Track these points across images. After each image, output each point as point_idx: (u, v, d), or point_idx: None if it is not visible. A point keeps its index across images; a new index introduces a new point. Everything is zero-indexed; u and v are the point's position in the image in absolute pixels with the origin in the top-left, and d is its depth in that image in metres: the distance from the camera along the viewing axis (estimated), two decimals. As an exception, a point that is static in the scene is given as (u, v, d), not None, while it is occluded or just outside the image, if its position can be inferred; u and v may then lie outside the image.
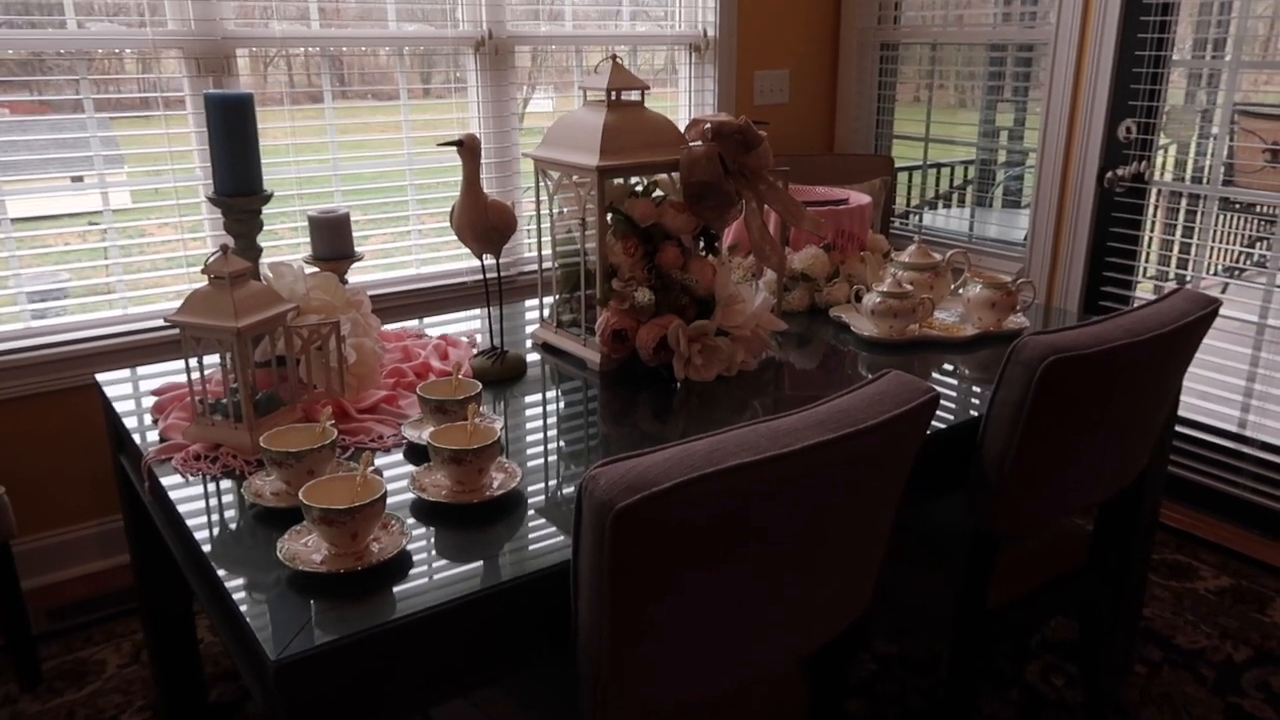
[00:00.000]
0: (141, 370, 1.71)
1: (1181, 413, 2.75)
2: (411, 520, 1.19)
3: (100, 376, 1.67)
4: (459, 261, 2.95)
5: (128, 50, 2.41)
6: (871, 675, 2.11)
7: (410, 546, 1.13)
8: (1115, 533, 1.79)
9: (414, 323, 1.98)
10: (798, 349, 1.89)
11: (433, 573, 1.08)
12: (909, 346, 1.85)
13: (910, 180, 3.77)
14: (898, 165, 3.57)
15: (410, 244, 2.90)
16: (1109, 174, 2.78)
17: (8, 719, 2.01)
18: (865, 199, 2.18)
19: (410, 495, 1.24)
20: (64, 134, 2.38)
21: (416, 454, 1.37)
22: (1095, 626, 1.84)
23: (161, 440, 1.40)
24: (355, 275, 2.79)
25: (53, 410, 2.40)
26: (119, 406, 1.56)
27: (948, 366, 1.77)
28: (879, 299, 1.85)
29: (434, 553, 1.12)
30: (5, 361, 2.32)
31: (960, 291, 1.97)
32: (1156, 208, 2.85)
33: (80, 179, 2.45)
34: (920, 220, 3.68)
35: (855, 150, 3.65)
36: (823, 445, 1.01)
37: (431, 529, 1.18)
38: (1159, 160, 2.82)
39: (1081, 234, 2.90)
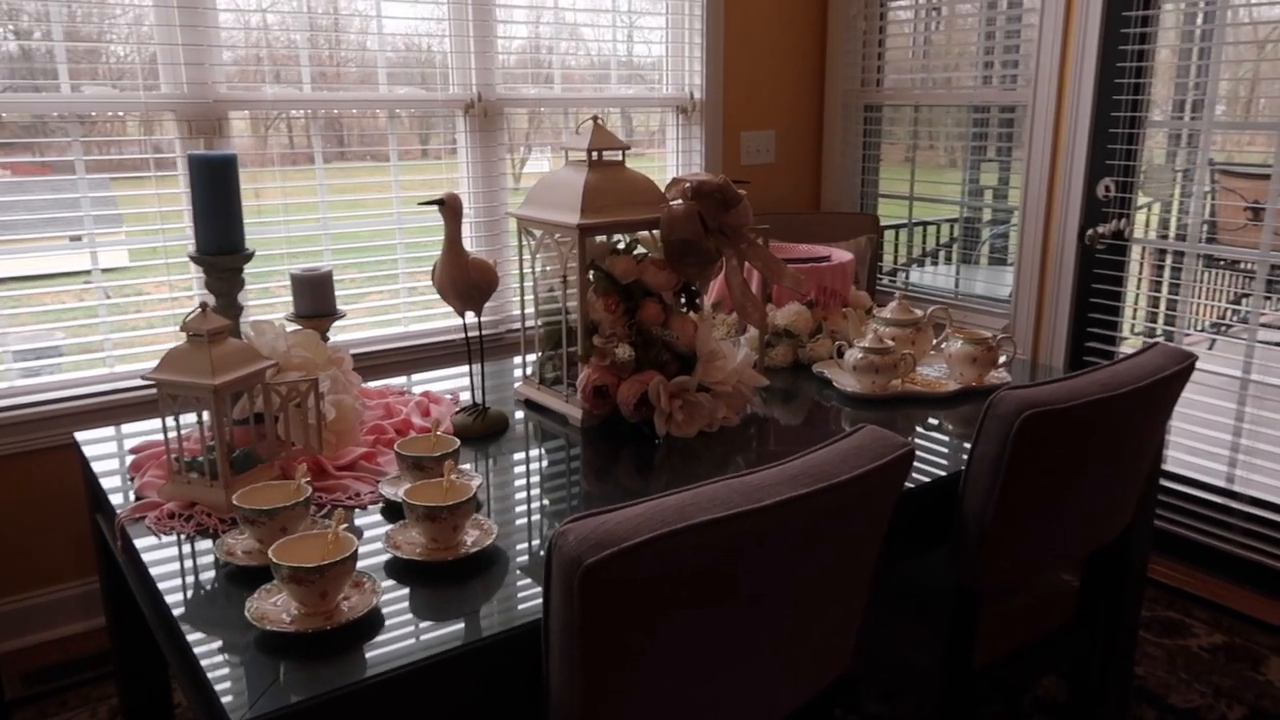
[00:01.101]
0: (123, 429, 1.70)
1: (1169, 468, 2.75)
2: (387, 579, 1.18)
3: (79, 435, 1.66)
4: (448, 319, 2.96)
5: (120, 113, 2.44)
6: (861, 737, 2.07)
7: (384, 605, 1.12)
8: (1103, 589, 1.78)
9: (401, 380, 1.98)
10: (781, 404, 1.89)
11: (405, 632, 1.07)
12: (891, 402, 1.86)
13: (897, 238, 3.81)
14: (883, 223, 3.62)
15: (399, 302, 2.91)
16: (1090, 231, 2.82)
17: (-23, 787, 1.97)
18: (847, 256, 2.20)
19: (386, 554, 1.23)
20: (63, 194, 2.40)
21: (394, 511, 1.36)
22: (1085, 685, 1.82)
23: (137, 499, 1.39)
24: (346, 334, 2.81)
25: (33, 469, 2.38)
26: (97, 466, 1.55)
27: (930, 421, 1.77)
28: (861, 354, 1.86)
29: (408, 612, 1.11)
30: (-17, 421, 2.31)
31: (942, 347, 1.98)
32: (1144, 264, 2.88)
33: (79, 238, 2.47)
34: (907, 277, 3.71)
35: (841, 209, 3.70)
36: (796, 500, 1.01)
37: (406, 588, 1.17)
38: (1140, 218, 2.86)
39: (1065, 290, 2.93)
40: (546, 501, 1.44)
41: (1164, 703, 2.19)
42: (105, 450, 1.62)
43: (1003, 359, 1.94)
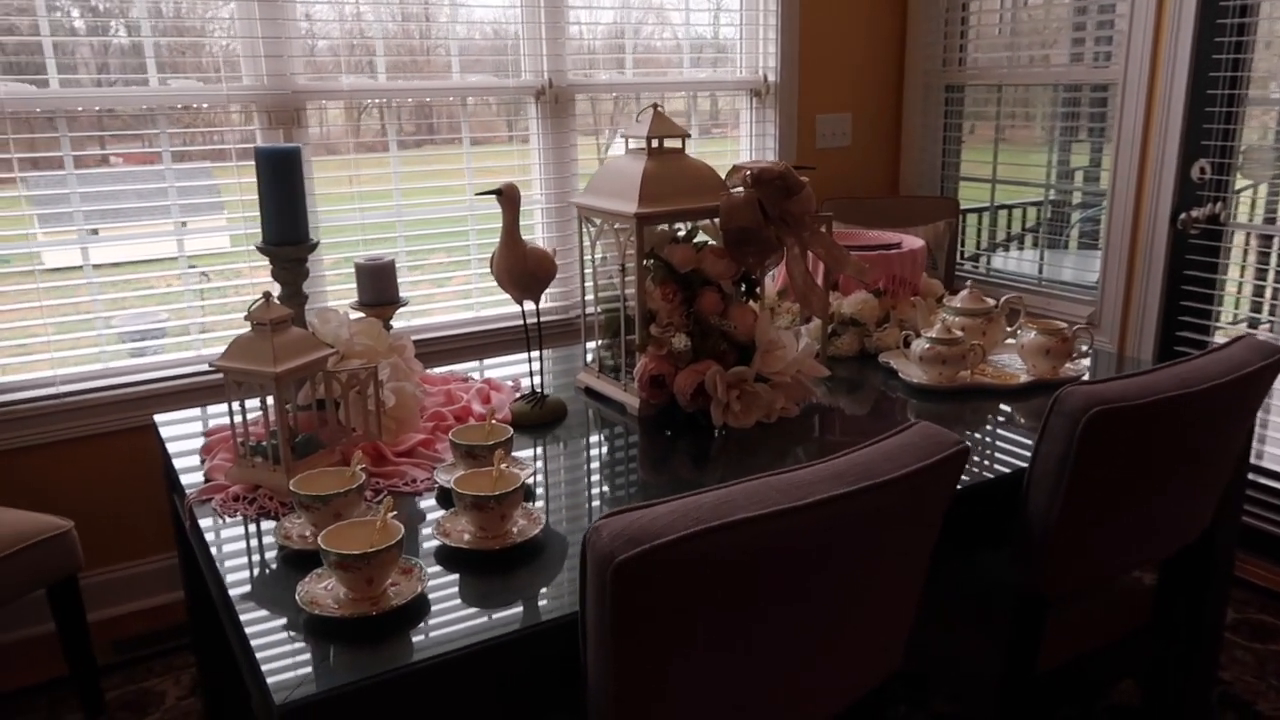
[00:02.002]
0: (198, 411, 1.77)
1: (1266, 464, 2.61)
2: (435, 566, 1.20)
3: (158, 417, 1.73)
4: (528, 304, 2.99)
5: (204, 105, 2.52)
6: (926, 735, 2.03)
7: (432, 592, 1.14)
8: (1182, 590, 1.70)
9: (471, 364, 2.01)
10: (846, 395, 1.86)
11: (451, 619, 1.08)
12: (959, 394, 1.80)
13: (980, 222, 3.70)
14: (964, 207, 3.51)
15: (472, 287, 2.95)
16: (1183, 216, 2.68)
17: (72, 747, 2.08)
18: (919, 243, 2.14)
19: (437, 540, 1.25)
20: (166, 184, 2.51)
21: (449, 497, 1.38)
22: (1162, 691, 1.74)
23: (206, 480, 1.45)
24: (421, 319, 2.86)
25: (126, 446, 2.50)
26: (173, 447, 1.62)
27: (999, 415, 1.72)
28: (927, 345, 1.81)
29: (455, 599, 1.13)
30: (78, 401, 2.42)
31: (1015, 338, 1.92)
32: (1247, 250, 2.73)
33: (184, 224, 2.58)
34: (989, 262, 3.59)
35: (920, 193, 3.60)
36: (838, 499, 0.98)
37: (455, 575, 1.18)
38: (1238, 202, 2.71)
39: (1155, 278, 2.80)
40: (605, 490, 1.44)
41: (1252, 709, 2.09)
42: (183, 431, 1.68)
43: (1085, 348, 1.86)
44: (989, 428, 1.67)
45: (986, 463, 1.51)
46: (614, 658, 0.94)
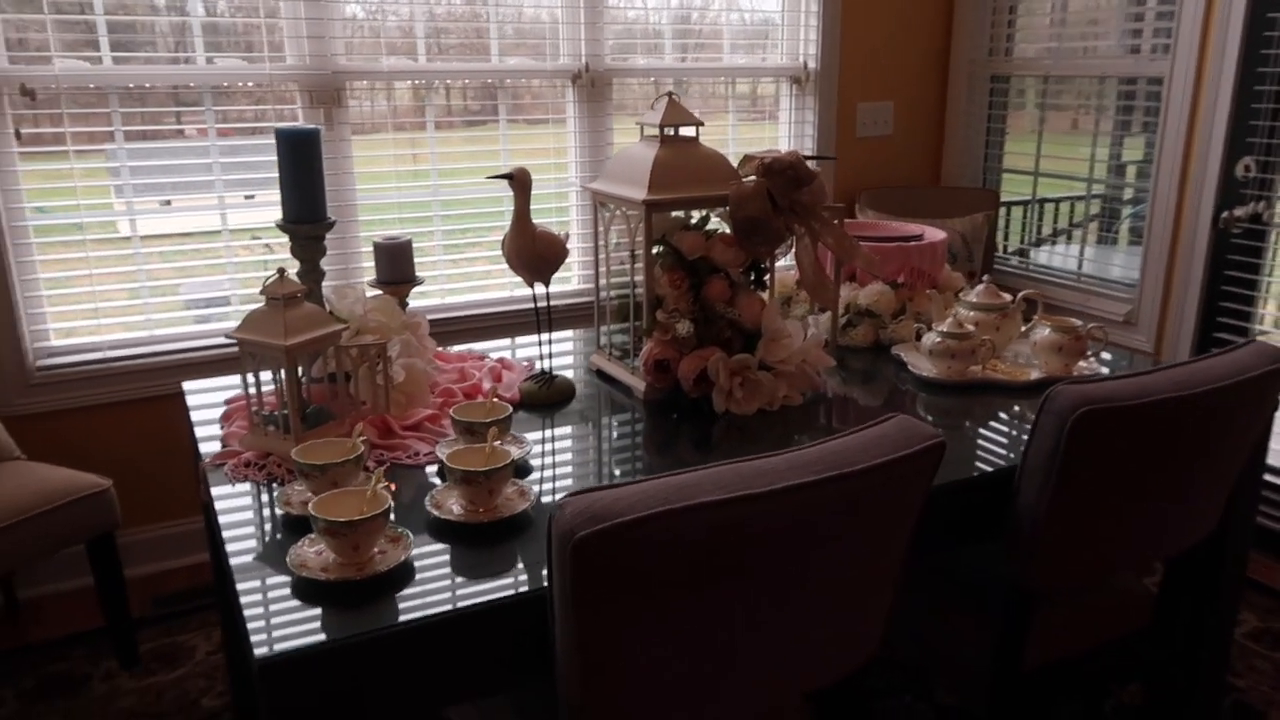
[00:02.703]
0: (225, 381, 1.85)
1: (1297, 472, 2.55)
2: (427, 536, 1.25)
3: (186, 385, 1.81)
4: (552, 285, 3.03)
5: (249, 83, 2.60)
6: (928, 727, 2.04)
7: (420, 561, 1.19)
8: (1187, 593, 1.68)
9: (495, 344, 2.05)
10: (859, 385, 1.87)
11: (435, 586, 1.13)
12: (968, 388, 1.80)
13: (1025, 215, 3.64)
14: (1006, 200, 3.47)
15: (504, 267, 3.00)
16: (1224, 214, 2.62)
17: (107, 693, 2.19)
18: (940, 235, 2.13)
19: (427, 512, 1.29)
20: (239, 158, 2.61)
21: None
22: (1165, 694, 1.73)
23: (223, 446, 1.52)
24: (452, 296, 2.93)
25: (166, 412, 2.60)
26: (198, 414, 1.69)
27: (1005, 411, 1.71)
28: (938, 339, 1.80)
29: (443, 568, 1.17)
30: (125, 366, 2.53)
31: (1031, 334, 1.90)
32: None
33: (251, 196, 2.69)
34: (1029, 257, 3.54)
35: (962, 184, 3.56)
36: (802, 487, 1.01)
37: (446, 546, 1.23)
38: (1285, 200, 2.64)
39: (1194, 276, 2.74)
40: (606, 470, 1.48)
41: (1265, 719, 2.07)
42: (209, 400, 1.76)
43: (1092, 349, 1.84)
44: (994, 423, 1.67)
45: (989, 456, 1.51)
46: (576, 630, 0.98)
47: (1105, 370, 1.87)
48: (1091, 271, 3.24)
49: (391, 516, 1.18)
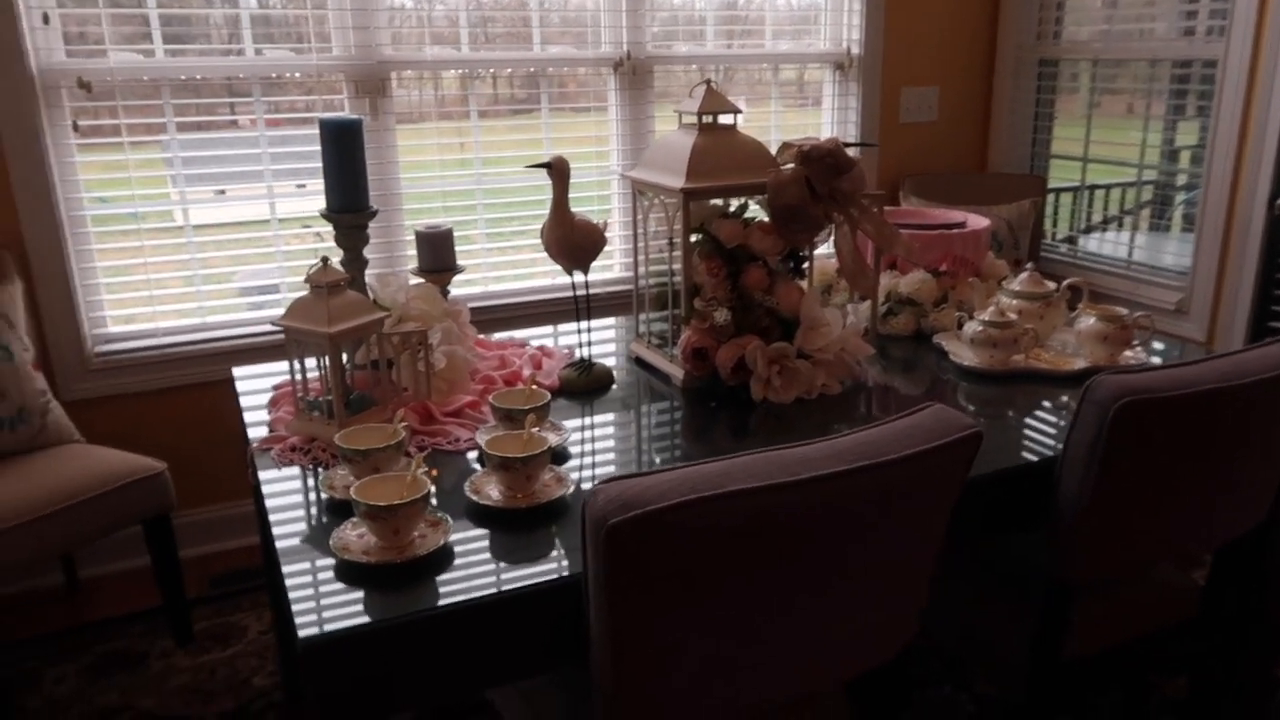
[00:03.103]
0: (273, 367, 1.89)
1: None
2: (466, 521, 1.27)
3: (236, 371, 1.86)
4: (594, 274, 3.05)
5: (296, 74, 2.65)
6: (970, 717, 2.03)
7: (459, 545, 1.21)
8: (1234, 586, 1.65)
9: (537, 331, 2.08)
10: (899, 374, 1.86)
11: (473, 571, 1.15)
12: (1010, 378, 1.78)
13: (1075, 201, 3.58)
14: (1054, 186, 3.41)
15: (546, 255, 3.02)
16: (1279, 201, 2.56)
17: (163, 670, 2.26)
18: (983, 223, 2.10)
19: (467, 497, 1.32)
20: (292, 148, 2.67)
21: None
22: (1210, 687, 1.71)
23: (270, 431, 1.56)
24: (496, 284, 2.96)
25: (217, 397, 2.67)
26: (246, 400, 1.74)
27: (1047, 401, 1.70)
28: (979, 327, 1.79)
29: (482, 553, 1.20)
30: (179, 353, 2.60)
31: (1076, 323, 1.88)
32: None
33: (303, 185, 2.74)
34: (1078, 245, 3.48)
35: (1008, 170, 3.51)
36: (833, 477, 1.01)
37: (485, 531, 1.26)
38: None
39: (1249, 265, 2.67)
40: (644, 457, 1.49)
41: (1316, 718, 2.02)
42: (257, 386, 1.80)
43: (1139, 339, 1.81)
44: (1037, 413, 1.65)
45: (1032, 445, 1.50)
46: (609, 615, 1.00)
47: (1152, 360, 1.84)
48: (1142, 259, 3.18)
49: (432, 501, 1.20)
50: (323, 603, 1.09)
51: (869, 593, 1.15)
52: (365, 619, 1.05)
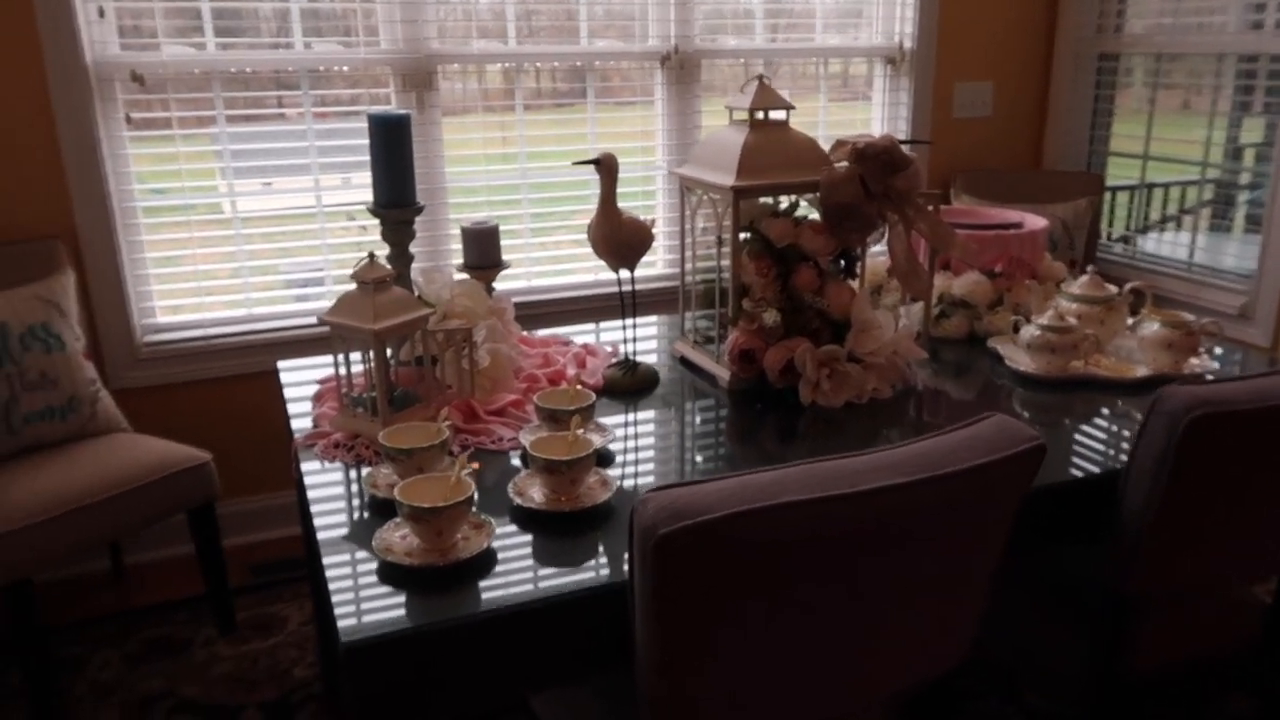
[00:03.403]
0: (318, 360, 1.89)
1: None
2: (510, 524, 1.25)
3: (281, 364, 1.86)
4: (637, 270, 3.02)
5: (344, 67, 2.65)
6: (1017, 730, 1.98)
7: (502, 550, 1.19)
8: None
9: (579, 328, 2.05)
10: (951, 378, 1.81)
11: (517, 576, 1.13)
12: (1068, 385, 1.73)
13: (1132, 200, 3.47)
14: (1112, 184, 3.31)
15: (589, 250, 2.99)
16: (1355, 201, 2.45)
17: (206, 659, 2.28)
18: (1041, 223, 2.04)
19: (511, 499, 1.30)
20: (331, 141, 2.67)
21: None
22: (1275, 710, 1.64)
23: (314, 426, 1.55)
24: (539, 279, 2.94)
25: (261, 388, 2.68)
26: (291, 393, 1.73)
27: (1108, 410, 1.64)
28: (1037, 332, 1.73)
29: (525, 557, 1.18)
30: (225, 343, 2.62)
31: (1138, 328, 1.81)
32: None
33: (348, 178, 2.75)
34: (1134, 244, 3.38)
35: (1064, 167, 3.42)
36: (889, 489, 0.97)
37: (528, 534, 1.23)
38: None
39: (1318, 268, 2.57)
40: (689, 458, 1.46)
41: (1384, 743, 1.94)
42: (302, 379, 1.80)
43: (1205, 346, 1.75)
44: (1098, 421, 1.59)
45: (1092, 456, 1.45)
46: (656, 626, 0.97)
47: (1216, 366, 1.77)
48: (1203, 261, 3.08)
49: (475, 503, 1.18)
50: (364, 605, 1.07)
51: (924, 608, 1.11)
52: (407, 623, 1.03)
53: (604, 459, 1.44)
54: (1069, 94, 3.34)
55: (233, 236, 2.61)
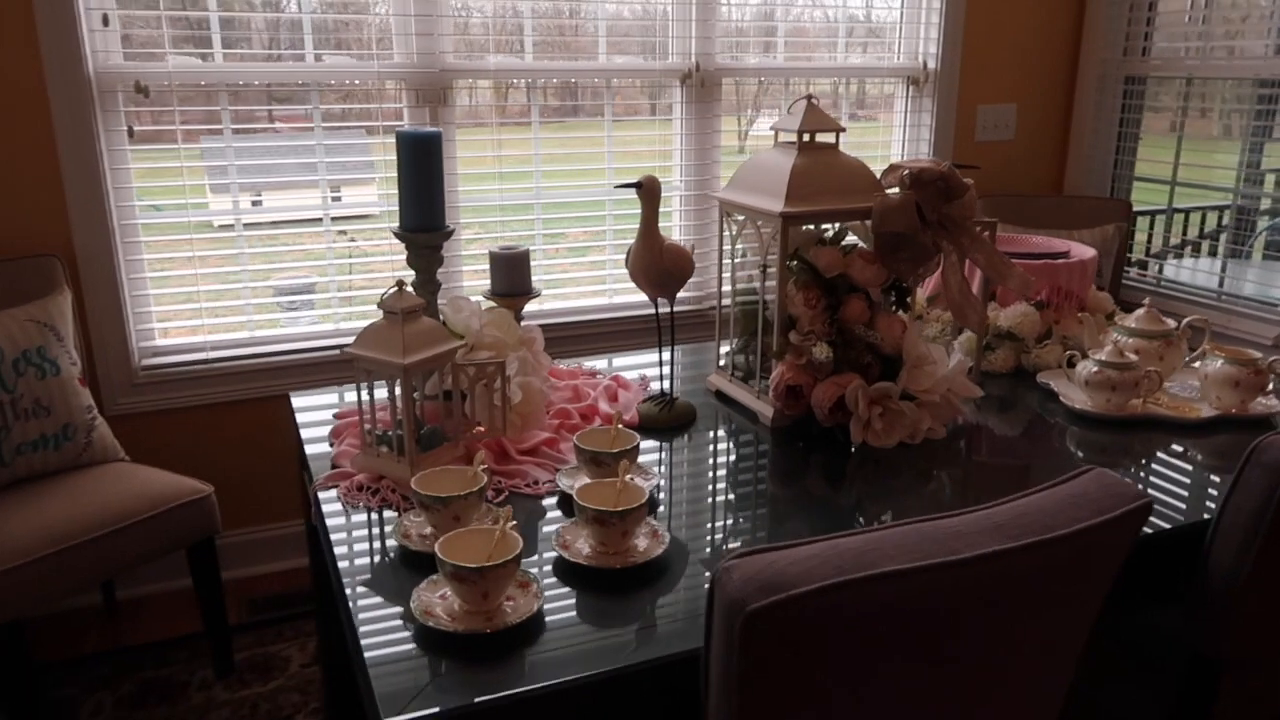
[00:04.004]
0: (333, 391, 1.78)
1: None
2: (551, 579, 1.15)
3: (294, 397, 1.75)
4: (651, 293, 2.93)
5: (355, 81, 2.55)
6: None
7: (547, 607, 1.09)
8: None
9: (599, 360, 1.96)
10: (997, 414, 1.72)
11: (566, 643, 1.03)
12: (1128, 424, 1.64)
13: (1151, 226, 3.41)
14: (1136, 209, 3.24)
15: (605, 274, 2.91)
16: (1400, 232, 2.38)
17: (203, 703, 2.16)
18: (1090, 252, 1.96)
19: (553, 551, 1.20)
20: (335, 157, 2.57)
21: (569, 502, 1.33)
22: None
23: (333, 466, 1.44)
24: (552, 303, 2.84)
25: (264, 414, 2.57)
26: (306, 429, 1.62)
27: (1173, 453, 1.55)
28: (1096, 368, 1.64)
29: (572, 619, 1.07)
30: (226, 368, 2.51)
31: (1197, 364, 1.73)
32: None
33: (338, 192, 2.64)
34: (1160, 271, 3.31)
35: (1088, 192, 3.35)
36: (999, 555, 0.88)
37: (572, 591, 1.13)
38: None
39: (1360, 299, 2.50)
40: (730, 499, 1.37)
41: None
42: (316, 415, 1.69)
43: (1274, 384, 1.66)
44: (1162, 468, 1.50)
45: (1163, 504, 1.36)
46: (738, 708, 0.87)
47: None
48: (1235, 290, 3.00)
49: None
50: (403, 678, 0.96)
51: (1018, 681, 1.01)
52: (455, 700, 0.93)
53: (649, 505, 1.33)
54: (1094, 117, 3.28)
55: (237, 256, 2.50)
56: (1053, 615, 0.98)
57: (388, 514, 1.32)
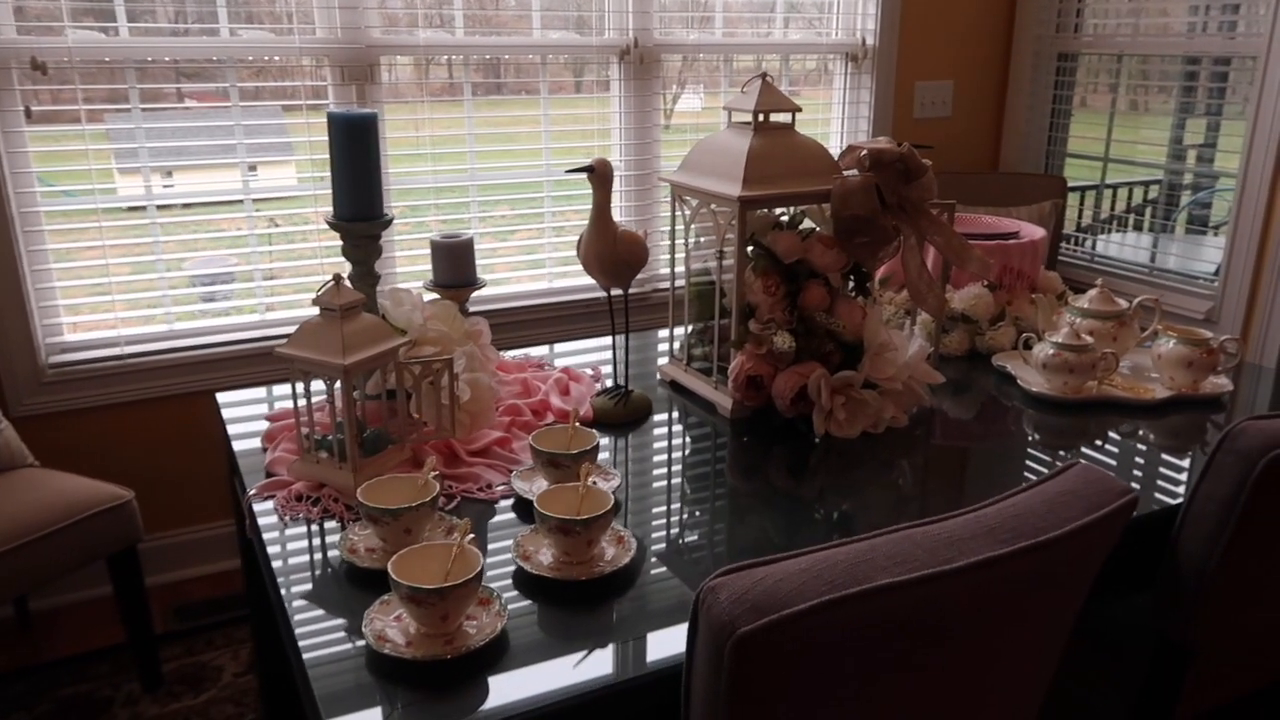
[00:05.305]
0: (262, 392, 1.67)
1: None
2: (512, 592, 1.08)
3: (220, 396, 1.64)
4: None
5: (276, 58, 2.41)
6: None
7: (510, 625, 1.02)
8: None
9: (544, 349, 1.88)
10: (952, 397, 1.70)
11: (532, 664, 0.96)
12: (1084, 407, 1.63)
13: (1081, 202, 3.44)
14: (1070, 185, 3.27)
15: (544, 257, 2.82)
16: (1327, 207, 2.43)
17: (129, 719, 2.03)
18: (1040, 232, 1.95)
19: (512, 562, 1.12)
20: (234, 126, 2.41)
21: (525, 506, 1.26)
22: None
23: (268, 475, 1.34)
24: (489, 289, 2.74)
25: (186, 411, 2.43)
26: (235, 429, 1.52)
27: (1132, 433, 1.54)
28: (1053, 351, 1.63)
29: (536, 634, 1.00)
30: (143, 363, 2.36)
31: (1150, 345, 1.73)
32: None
33: (253, 168, 2.48)
34: (1092, 246, 3.35)
35: (1022, 169, 3.36)
36: (993, 562, 0.83)
37: (534, 604, 1.06)
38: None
39: (1288, 273, 2.56)
40: (687, 495, 1.31)
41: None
42: (246, 412, 1.58)
43: (1224, 363, 1.67)
44: (1119, 447, 1.49)
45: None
46: (724, 735, 0.81)
47: (1231, 386, 1.69)
48: (1166, 265, 3.05)
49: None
50: (358, 711, 0.89)
51: (1009, 679, 0.98)
52: (416, 738, 0.85)
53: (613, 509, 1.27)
54: (1028, 94, 3.29)
55: (151, 243, 2.34)
56: (1041, 615, 0.94)
57: (329, 525, 1.23)
